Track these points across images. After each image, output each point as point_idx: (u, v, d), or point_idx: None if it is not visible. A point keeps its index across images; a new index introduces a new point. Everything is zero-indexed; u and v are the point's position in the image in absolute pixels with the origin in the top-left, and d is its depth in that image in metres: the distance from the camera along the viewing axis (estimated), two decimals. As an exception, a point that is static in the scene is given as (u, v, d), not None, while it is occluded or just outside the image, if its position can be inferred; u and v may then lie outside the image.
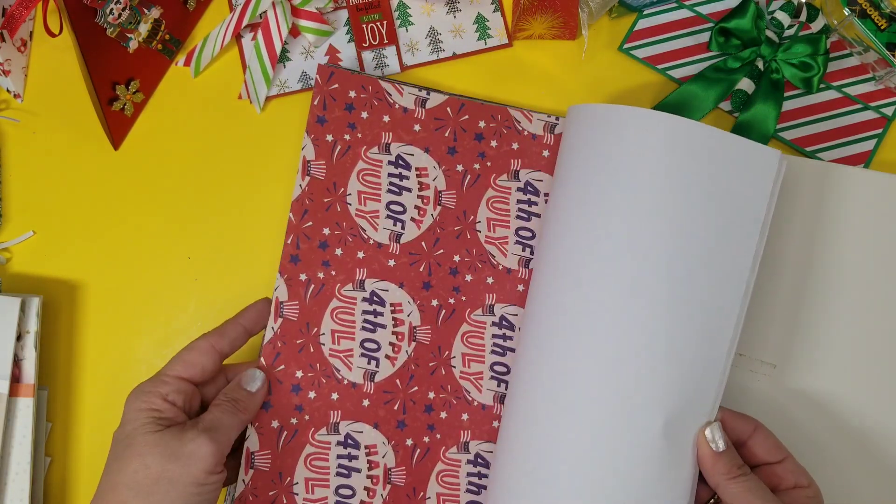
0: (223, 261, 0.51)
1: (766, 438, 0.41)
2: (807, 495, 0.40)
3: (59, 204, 0.51)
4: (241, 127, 0.52)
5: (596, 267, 0.41)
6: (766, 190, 0.40)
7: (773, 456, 0.41)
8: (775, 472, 0.41)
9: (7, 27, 0.48)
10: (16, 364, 0.47)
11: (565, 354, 0.41)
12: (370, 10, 0.51)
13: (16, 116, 0.52)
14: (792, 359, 0.46)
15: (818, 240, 0.47)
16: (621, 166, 0.41)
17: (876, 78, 0.51)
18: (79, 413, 0.50)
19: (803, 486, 0.40)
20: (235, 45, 0.52)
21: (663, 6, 0.52)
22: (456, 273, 0.47)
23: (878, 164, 0.51)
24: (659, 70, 0.52)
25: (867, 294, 0.46)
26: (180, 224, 0.51)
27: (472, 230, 0.48)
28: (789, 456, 0.41)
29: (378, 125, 0.47)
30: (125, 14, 0.49)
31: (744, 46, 0.50)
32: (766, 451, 0.41)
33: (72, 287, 0.51)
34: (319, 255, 0.46)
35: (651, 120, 0.41)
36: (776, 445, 0.41)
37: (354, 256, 0.47)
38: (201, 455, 0.38)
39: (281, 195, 0.51)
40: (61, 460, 0.50)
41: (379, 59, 0.52)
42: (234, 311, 0.45)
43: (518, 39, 0.52)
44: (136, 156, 0.52)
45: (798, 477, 0.40)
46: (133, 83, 0.51)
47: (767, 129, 0.50)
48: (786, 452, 0.41)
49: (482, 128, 0.48)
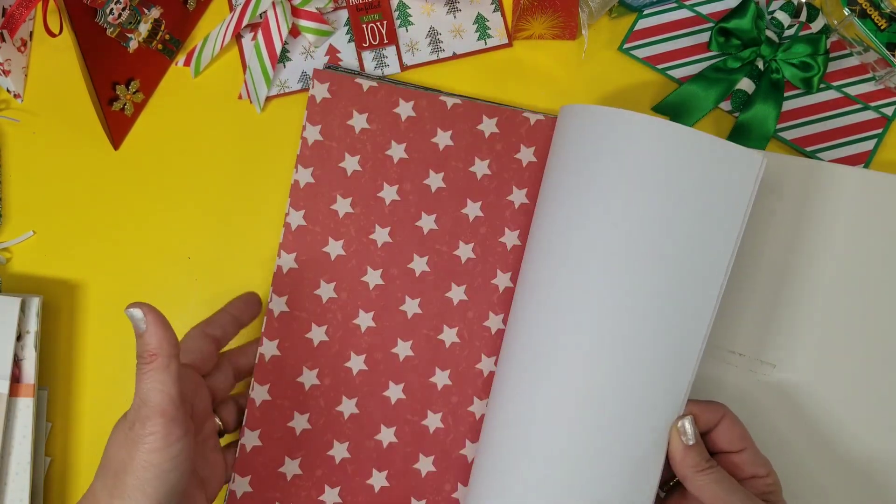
0: (223, 261, 0.51)
1: (731, 428, 0.41)
2: (765, 483, 0.40)
3: (59, 204, 0.51)
4: (241, 127, 0.52)
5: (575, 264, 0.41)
6: (747, 192, 0.40)
7: (735, 446, 0.41)
8: (733, 461, 0.41)
9: (7, 27, 0.48)
10: (16, 364, 0.47)
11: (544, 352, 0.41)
12: (370, 10, 0.51)
13: (16, 116, 0.52)
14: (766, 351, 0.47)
15: (802, 237, 0.47)
16: (603, 168, 0.41)
17: (876, 78, 0.51)
18: (79, 413, 0.50)
19: (761, 475, 0.40)
20: (235, 45, 0.52)
21: (663, 6, 0.52)
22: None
23: (878, 164, 0.51)
24: (659, 70, 0.52)
25: (851, 291, 0.47)
26: (180, 224, 0.51)
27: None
28: (751, 445, 0.41)
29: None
30: (125, 14, 0.49)
31: (744, 46, 0.50)
32: (729, 442, 0.41)
33: (72, 287, 0.51)
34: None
35: (634, 123, 0.41)
36: (740, 435, 0.41)
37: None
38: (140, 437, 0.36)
39: (281, 195, 0.51)
40: (61, 460, 0.50)
41: (379, 59, 0.52)
42: (234, 311, 0.46)
43: (518, 39, 0.52)
44: (136, 156, 0.52)
45: (756, 467, 0.40)
46: (133, 83, 0.51)
47: (767, 129, 0.50)
48: (748, 442, 0.41)
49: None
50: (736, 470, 0.41)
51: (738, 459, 0.41)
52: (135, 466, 0.35)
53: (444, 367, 0.47)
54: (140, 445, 0.36)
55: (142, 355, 0.36)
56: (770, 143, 0.51)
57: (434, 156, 0.47)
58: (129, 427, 0.36)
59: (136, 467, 0.35)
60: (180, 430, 0.36)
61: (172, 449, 0.36)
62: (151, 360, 0.36)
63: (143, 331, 0.36)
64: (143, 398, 0.36)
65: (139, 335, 0.36)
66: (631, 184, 0.40)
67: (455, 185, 0.48)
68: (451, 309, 0.47)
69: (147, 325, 0.36)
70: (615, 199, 0.40)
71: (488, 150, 0.48)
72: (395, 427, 0.47)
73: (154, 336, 0.36)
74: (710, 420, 0.41)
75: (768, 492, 0.40)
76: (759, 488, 0.40)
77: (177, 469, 0.36)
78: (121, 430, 0.37)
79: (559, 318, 0.41)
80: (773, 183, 0.47)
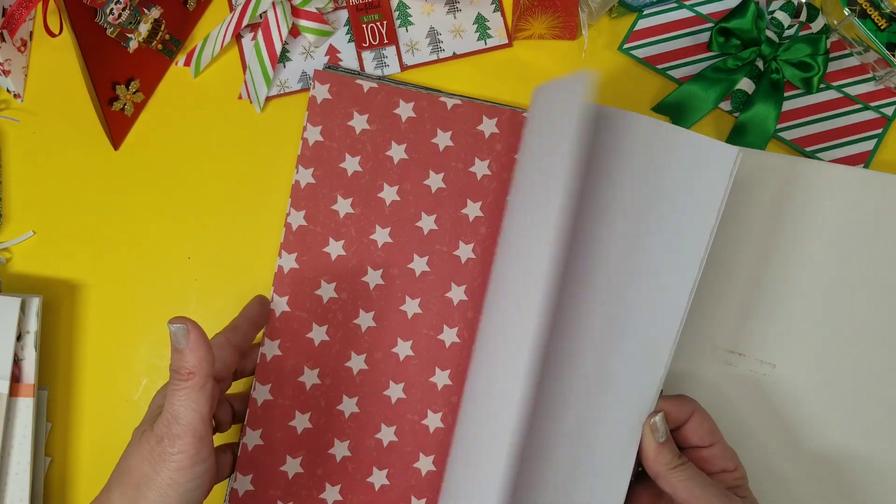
0: (223, 261, 0.51)
1: (701, 423, 0.41)
2: (734, 477, 0.40)
3: (59, 204, 0.51)
4: (241, 127, 0.52)
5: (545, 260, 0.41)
6: (721, 187, 0.40)
7: (705, 440, 0.41)
8: (703, 455, 0.41)
9: (7, 27, 0.48)
10: (16, 364, 0.47)
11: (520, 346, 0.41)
12: (370, 10, 0.51)
13: (16, 116, 0.52)
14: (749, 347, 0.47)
15: (802, 237, 0.47)
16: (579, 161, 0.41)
17: (876, 78, 0.51)
18: (79, 413, 0.50)
19: (730, 469, 0.41)
20: (235, 45, 0.52)
21: (663, 6, 0.52)
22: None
23: (878, 165, 0.51)
24: (659, 70, 0.52)
25: (851, 291, 0.47)
26: (180, 224, 0.51)
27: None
28: (720, 440, 0.41)
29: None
30: (125, 14, 0.49)
31: (744, 46, 0.50)
32: (699, 437, 0.41)
33: (72, 287, 0.51)
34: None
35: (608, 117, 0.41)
36: (710, 430, 0.41)
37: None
38: (168, 454, 0.36)
39: (280, 195, 0.51)
40: (61, 460, 0.50)
41: (379, 60, 0.52)
42: (235, 311, 0.45)
43: (518, 39, 0.52)
44: (136, 156, 0.52)
45: (725, 461, 0.41)
46: (133, 83, 0.51)
47: (767, 129, 0.50)
48: (718, 436, 0.41)
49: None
50: (705, 464, 0.41)
51: (708, 454, 0.41)
52: (159, 482, 0.35)
53: (445, 367, 0.47)
54: (167, 462, 0.35)
55: (178, 371, 0.36)
56: (770, 143, 0.51)
57: (434, 156, 0.48)
58: (156, 441, 0.36)
59: (161, 483, 0.35)
60: (207, 449, 0.36)
61: (198, 468, 0.36)
62: (189, 378, 0.35)
63: (183, 347, 0.36)
64: (175, 415, 0.35)
65: (177, 350, 0.36)
66: (602, 176, 0.40)
67: (455, 186, 0.48)
68: (451, 309, 0.47)
69: (189, 343, 0.36)
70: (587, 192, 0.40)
71: (488, 150, 0.48)
72: (395, 426, 0.47)
73: (194, 354, 0.36)
74: (681, 416, 0.41)
75: (737, 485, 0.40)
76: (727, 482, 0.40)
77: (200, 487, 0.36)
78: (145, 443, 0.36)
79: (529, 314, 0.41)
80: (773, 183, 0.47)
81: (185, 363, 0.36)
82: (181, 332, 0.36)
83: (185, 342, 0.36)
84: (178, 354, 0.36)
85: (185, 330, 0.36)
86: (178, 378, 0.36)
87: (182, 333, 0.36)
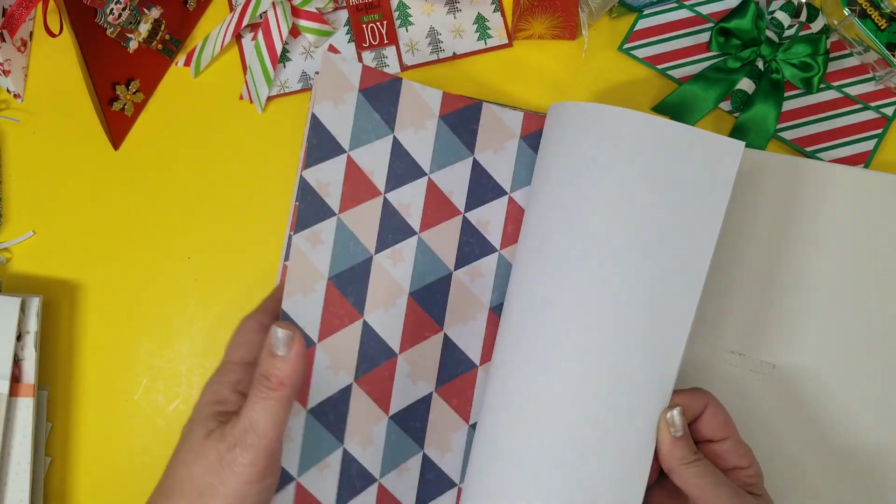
0: (223, 261, 0.51)
1: (715, 414, 0.40)
2: (747, 475, 0.40)
3: (59, 204, 0.51)
4: (242, 127, 0.52)
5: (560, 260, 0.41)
6: (729, 181, 0.40)
7: (718, 434, 0.40)
8: (716, 451, 0.40)
9: (7, 27, 0.48)
10: (16, 364, 0.47)
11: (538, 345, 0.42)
12: (370, 10, 0.51)
13: (16, 116, 0.52)
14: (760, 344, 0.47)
15: (802, 237, 0.47)
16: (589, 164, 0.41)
17: (876, 78, 0.51)
18: (79, 413, 0.50)
19: (743, 466, 0.40)
20: (235, 45, 0.52)
21: (663, 6, 0.52)
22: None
23: (879, 165, 0.51)
24: (659, 70, 0.52)
25: (850, 291, 0.47)
26: (180, 224, 0.51)
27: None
28: (733, 434, 0.40)
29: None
30: (125, 14, 0.49)
31: (744, 46, 0.50)
32: (712, 429, 0.40)
33: (72, 287, 0.51)
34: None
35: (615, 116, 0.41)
36: (724, 422, 0.40)
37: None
38: (240, 465, 0.33)
39: (281, 195, 0.51)
40: (61, 460, 0.50)
41: (379, 59, 0.52)
42: (234, 311, 0.46)
43: (518, 39, 0.52)
44: (136, 156, 0.52)
45: (739, 458, 0.40)
46: (133, 83, 0.51)
47: (767, 129, 0.50)
48: (731, 430, 0.40)
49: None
50: (718, 461, 0.40)
51: (721, 449, 0.40)
52: (225, 493, 0.33)
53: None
54: (236, 474, 0.33)
55: (269, 377, 0.34)
56: (770, 143, 0.51)
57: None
58: (226, 448, 0.34)
59: (227, 494, 0.33)
60: (276, 465, 0.35)
61: (265, 483, 0.34)
62: (279, 388, 0.34)
63: (283, 354, 0.34)
64: (254, 424, 0.34)
65: (273, 355, 0.34)
66: (612, 176, 0.40)
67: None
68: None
69: (290, 354, 0.34)
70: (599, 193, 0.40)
71: (488, 150, 0.48)
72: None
73: (292, 366, 0.34)
74: (696, 408, 0.41)
75: (751, 483, 0.40)
76: (741, 480, 0.40)
77: (262, 503, 0.35)
78: (213, 449, 0.34)
79: (546, 313, 0.41)
80: (773, 183, 0.47)
81: (278, 371, 0.34)
82: (286, 339, 0.34)
83: (286, 351, 0.34)
84: (273, 360, 0.34)
85: (291, 338, 0.34)
86: (267, 386, 0.34)
87: (287, 341, 0.34)
